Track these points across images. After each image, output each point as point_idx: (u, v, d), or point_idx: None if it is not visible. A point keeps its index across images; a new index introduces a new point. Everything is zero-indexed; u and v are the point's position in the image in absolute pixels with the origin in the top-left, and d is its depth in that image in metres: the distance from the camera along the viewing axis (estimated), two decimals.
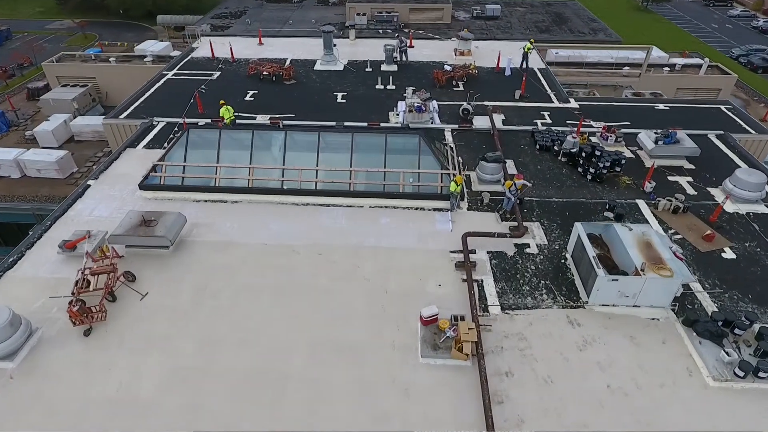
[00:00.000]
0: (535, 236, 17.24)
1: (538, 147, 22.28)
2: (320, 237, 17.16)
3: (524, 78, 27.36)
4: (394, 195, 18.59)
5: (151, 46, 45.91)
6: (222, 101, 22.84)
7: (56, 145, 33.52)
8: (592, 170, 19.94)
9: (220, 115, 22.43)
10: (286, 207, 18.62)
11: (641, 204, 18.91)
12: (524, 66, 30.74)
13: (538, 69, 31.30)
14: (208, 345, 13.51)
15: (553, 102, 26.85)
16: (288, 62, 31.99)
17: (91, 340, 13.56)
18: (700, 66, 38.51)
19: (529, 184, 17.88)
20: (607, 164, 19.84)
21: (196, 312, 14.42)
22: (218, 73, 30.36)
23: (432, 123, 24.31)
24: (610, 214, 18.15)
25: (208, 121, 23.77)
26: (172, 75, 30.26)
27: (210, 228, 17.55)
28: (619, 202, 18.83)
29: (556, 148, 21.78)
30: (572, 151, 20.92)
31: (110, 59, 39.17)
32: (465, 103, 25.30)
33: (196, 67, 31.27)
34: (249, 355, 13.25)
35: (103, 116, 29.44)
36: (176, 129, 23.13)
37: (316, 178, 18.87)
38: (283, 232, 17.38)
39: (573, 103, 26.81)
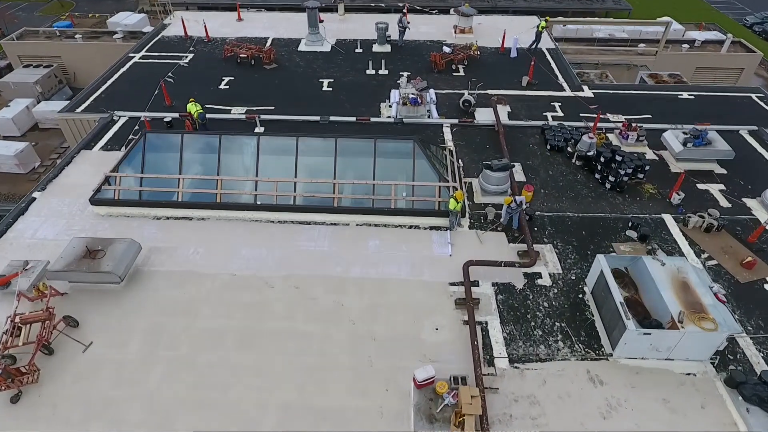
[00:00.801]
0: (548, 262, 14.87)
1: (549, 147, 19.64)
2: (298, 265, 14.77)
3: (532, 62, 24.36)
4: (384, 211, 16.08)
5: (125, 19, 41.94)
6: (191, 99, 19.95)
7: (18, 134, 30.55)
8: (611, 178, 17.40)
9: (188, 110, 19.64)
10: (259, 226, 16.13)
11: (668, 219, 16.48)
12: (534, 46, 27.64)
13: (546, 49, 28.20)
14: (160, 411, 11.32)
15: (564, 90, 23.97)
16: (269, 42, 28.78)
17: (19, 408, 11.33)
18: (721, 42, 35.30)
19: (525, 205, 15.41)
20: (629, 171, 17.30)
21: (148, 367, 12.15)
22: (191, 55, 27.19)
23: (429, 117, 21.54)
24: (634, 234, 15.77)
25: (176, 116, 20.96)
26: (140, 58, 27.09)
27: (170, 254, 15.10)
28: (642, 217, 16.43)
29: (569, 149, 19.14)
30: (588, 154, 18.30)
31: (76, 36, 35.67)
32: (466, 93, 22.47)
33: (167, 48, 28.04)
34: (209, 422, 11.08)
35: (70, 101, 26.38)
36: (137, 128, 20.30)
37: (295, 191, 16.31)
38: (255, 258, 14.96)
39: (587, 91, 23.95)
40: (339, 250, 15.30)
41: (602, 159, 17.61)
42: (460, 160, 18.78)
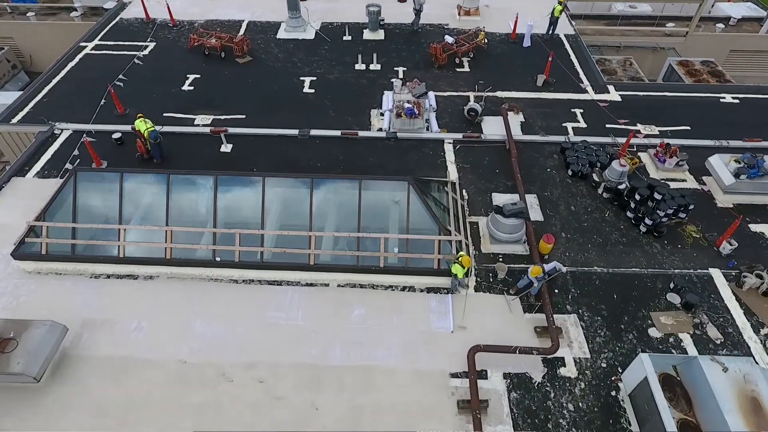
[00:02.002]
0: (572, 341, 12.06)
1: (570, 172, 16.44)
2: (264, 347, 11.95)
3: (550, 58, 20.69)
4: (372, 270, 13.13)
5: None
6: (140, 115, 16.55)
7: None
8: (648, 221, 14.34)
9: (136, 128, 16.31)
10: (219, 288, 13.21)
11: (717, 276, 13.57)
12: (551, 31, 23.80)
13: (565, 36, 24.37)
14: None
15: (587, 92, 20.43)
16: (243, 28, 24.87)
17: None
18: (758, 19, 31.15)
19: (563, 269, 12.39)
20: (670, 212, 14.24)
21: None
22: (151, 45, 23.39)
23: (428, 130, 18.21)
24: (677, 299, 12.90)
25: (129, 129, 17.54)
26: (93, 48, 23.31)
27: (108, 330, 12.26)
28: (686, 274, 13.51)
29: (595, 177, 15.97)
30: (619, 187, 15.16)
31: (29, 14, 31.44)
32: (471, 100, 19.05)
33: (125, 36, 24.17)
34: None
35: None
36: (75, 155, 16.91)
37: (262, 245, 13.28)
38: (211, 337, 12.13)
39: (613, 93, 20.43)
40: (315, 322, 12.45)
41: (637, 196, 14.48)
42: (465, 192, 15.63)
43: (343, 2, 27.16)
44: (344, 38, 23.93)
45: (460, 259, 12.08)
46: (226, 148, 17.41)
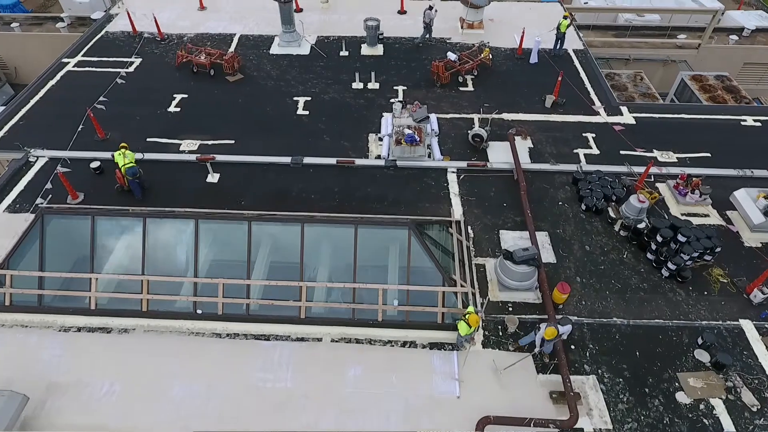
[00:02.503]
0: (592, 409, 10.83)
1: (584, 207, 15.21)
2: (248, 415, 10.72)
3: (559, 77, 19.45)
4: (369, 324, 11.90)
5: None
6: (122, 146, 15.30)
7: None
8: (671, 266, 13.10)
9: (115, 161, 15.08)
10: (200, 343, 11.97)
11: (748, 328, 12.34)
12: (558, 47, 22.58)
13: (573, 51, 23.15)
14: None
15: (599, 114, 19.20)
16: (235, 41, 23.63)
17: None
18: None
19: (568, 329, 11.07)
20: (695, 255, 13.03)
21: None
22: (137, 61, 22.16)
23: (429, 157, 16.99)
24: (706, 357, 11.69)
25: (110, 156, 16.27)
26: (75, 65, 22.06)
27: (75, 394, 11.02)
28: (714, 326, 12.30)
29: (611, 213, 14.76)
30: (639, 226, 13.93)
31: (13, 24, 30.18)
32: (476, 124, 17.86)
33: (110, 51, 22.91)
34: None
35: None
36: (47, 189, 15.65)
37: (248, 296, 12.05)
38: (189, 401, 10.91)
39: (626, 114, 19.21)
40: (306, 385, 11.22)
41: (660, 238, 13.25)
42: (470, 230, 14.39)
43: (339, 13, 25.97)
44: (341, 54, 22.70)
45: (467, 316, 10.84)
46: (213, 178, 16.18)
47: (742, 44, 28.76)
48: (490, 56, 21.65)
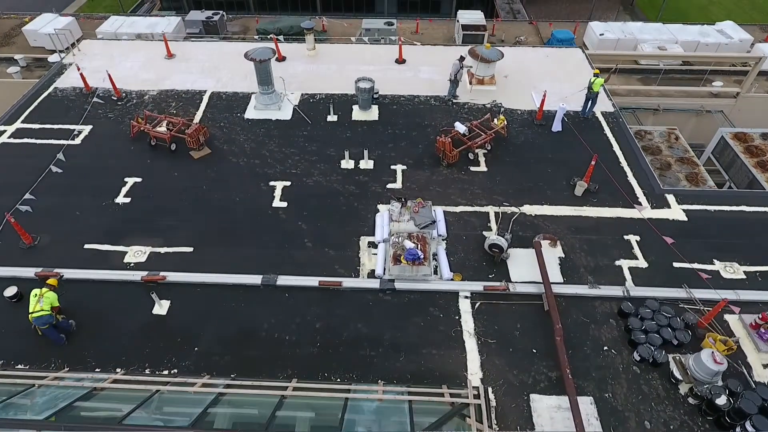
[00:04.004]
0: None
1: (638, 357, 11.74)
2: None
3: (593, 161, 15.95)
4: None
5: (44, 26, 32.44)
6: (51, 282, 11.85)
7: None
8: None
9: (30, 309, 11.49)
10: None
11: None
12: (587, 108, 19.18)
13: (602, 115, 19.72)
14: None
15: (641, 204, 15.77)
16: (205, 101, 20.13)
17: None
18: None
19: None
20: None
21: None
22: (87, 129, 18.63)
23: (435, 273, 13.52)
24: None
25: (33, 275, 12.82)
26: (12, 134, 18.49)
27: None
28: None
29: (675, 372, 11.29)
30: (717, 402, 10.47)
31: None
32: (493, 226, 14.43)
33: (56, 113, 19.38)
34: None
35: None
36: None
37: None
38: None
39: (674, 207, 15.75)
40: None
41: (751, 428, 9.79)
42: (492, 395, 10.91)
43: (328, 63, 22.54)
44: (328, 118, 19.21)
45: None
46: (161, 308, 12.69)
47: None
48: (506, 123, 18.20)
